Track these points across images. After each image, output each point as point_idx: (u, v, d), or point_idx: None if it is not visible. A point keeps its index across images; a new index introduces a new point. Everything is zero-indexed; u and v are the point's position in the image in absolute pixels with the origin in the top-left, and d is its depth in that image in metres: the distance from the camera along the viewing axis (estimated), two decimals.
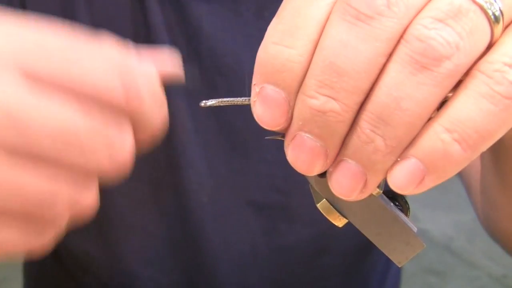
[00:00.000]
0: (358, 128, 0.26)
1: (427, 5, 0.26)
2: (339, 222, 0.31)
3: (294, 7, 0.27)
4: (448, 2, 0.25)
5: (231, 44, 0.56)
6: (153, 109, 0.31)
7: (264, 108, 0.27)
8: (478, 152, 0.26)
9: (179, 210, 0.60)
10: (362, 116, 0.26)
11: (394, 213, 0.30)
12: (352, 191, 0.27)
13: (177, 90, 0.56)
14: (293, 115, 0.27)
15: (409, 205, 0.31)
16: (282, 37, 0.27)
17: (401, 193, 0.27)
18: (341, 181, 0.27)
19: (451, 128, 0.25)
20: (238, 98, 0.31)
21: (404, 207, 0.31)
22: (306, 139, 0.27)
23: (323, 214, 0.31)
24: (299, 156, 0.27)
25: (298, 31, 0.27)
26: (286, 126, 0.28)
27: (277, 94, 0.27)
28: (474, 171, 0.58)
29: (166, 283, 0.63)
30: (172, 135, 0.57)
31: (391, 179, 0.27)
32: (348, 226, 0.32)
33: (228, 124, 0.58)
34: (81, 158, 0.29)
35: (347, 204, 0.31)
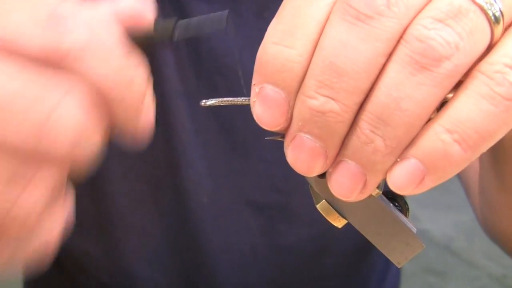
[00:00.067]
0: (358, 128, 0.26)
1: (427, 5, 0.26)
2: (338, 222, 0.31)
3: (294, 7, 0.27)
4: (448, 3, 0.25)
5: (231, 44, 0.56)
6: (108, 64, 0.26)
7: (263, 108, 0.27)
8: (478, 152, 0.26)
9: (179, 210, 0.60)
10: (362, 117, 0.26)
11: (393, 213, 0.30)
12: (351, 192, 0.27)
13: (177, 90, 0.56)
14: (292, 115, 0.27)
15: (408, 205, 0.31)
16: (282, 37, 0.27)
17: (401, 193, 0.27)
18: (340, 181, 0.27)
19: (451, 128, 0.25)
20: (238, 98, 0.31)
21: (404, 208, 0.31)
22: (305, 140, 0.27)
23: (323, 214, 0.31)
24: (298, 157, 0.27)
25: (298, 31, 0.26)
26: (285, 126, 0.28)
27: (277, 94, 0.27)
28: (473, 172, 0.58)
29: (166, 283, 0.63)
30: (172, 135, 0.57)
31: (391, 180, 0.27)
32: (348, 227, 0.32)
33: (228, 124, 0.58)
34: (16, 134, 0.24)
35: (346, 205, 0.31)
